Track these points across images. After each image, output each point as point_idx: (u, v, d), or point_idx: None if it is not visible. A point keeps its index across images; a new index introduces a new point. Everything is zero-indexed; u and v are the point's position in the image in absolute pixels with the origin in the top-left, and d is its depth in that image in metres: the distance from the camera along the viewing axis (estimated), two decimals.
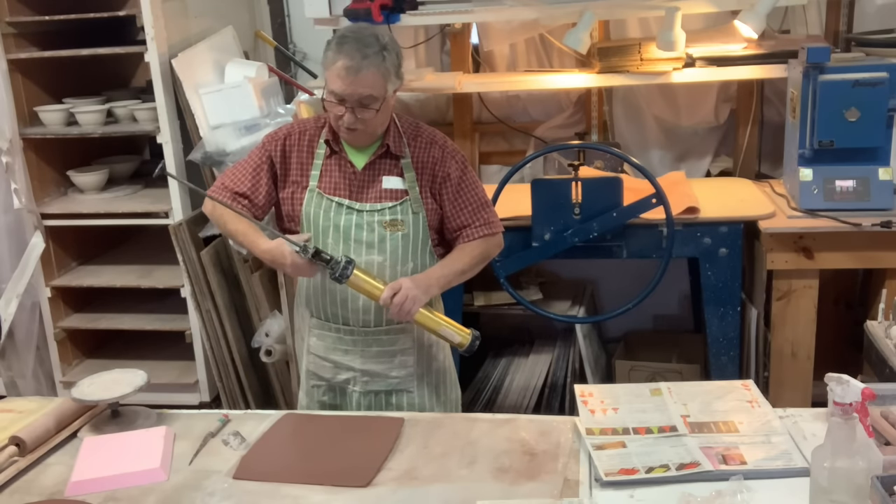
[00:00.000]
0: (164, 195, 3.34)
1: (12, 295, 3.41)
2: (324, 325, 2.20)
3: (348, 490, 1.68)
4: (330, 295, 2.15)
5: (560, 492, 1.63)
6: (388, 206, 2.12)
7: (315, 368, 2.25)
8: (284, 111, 3.32)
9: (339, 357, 2.20)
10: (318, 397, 2.26)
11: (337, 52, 2.00)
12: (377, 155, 2.14)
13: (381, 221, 2.11)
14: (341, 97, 2.02)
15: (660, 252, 2.93)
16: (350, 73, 1.98)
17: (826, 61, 2.75)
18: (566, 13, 3.23)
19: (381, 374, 2.19)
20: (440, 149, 2.16)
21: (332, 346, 2.20)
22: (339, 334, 2.19)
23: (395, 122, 2.17)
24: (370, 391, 2.21)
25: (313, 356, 2.24)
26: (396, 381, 2.20)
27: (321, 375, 2.24)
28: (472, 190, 2.18)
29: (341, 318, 2.17)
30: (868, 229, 2.73)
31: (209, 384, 3.47)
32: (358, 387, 2.21)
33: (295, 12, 3.90)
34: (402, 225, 2.12)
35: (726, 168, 3.61)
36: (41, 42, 3.41)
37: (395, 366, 2.19)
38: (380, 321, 2.15)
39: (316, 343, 2.23)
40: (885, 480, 1.36)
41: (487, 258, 2.21)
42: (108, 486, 1.74)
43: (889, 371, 2.05)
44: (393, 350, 2.19)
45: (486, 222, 2.17)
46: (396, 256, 2.12)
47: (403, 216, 2.12)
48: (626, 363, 3.43)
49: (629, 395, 1.94)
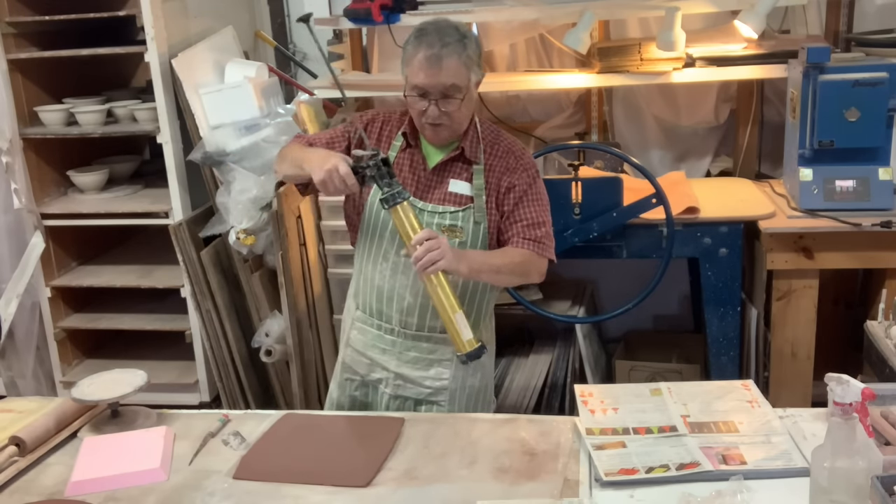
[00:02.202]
0: (164, 195, 3.34)
1: (12, 295, 3.41)
2: (367, 319, 2.17)
3: (348, 490, 1.68)
4: (378, 290, 2.12)
5: (560, 492, 1.63)
6: (449, 210, 2.07)
7: (351, 362, 2.22)
8: (284, 111, 3.32)
9: (376, 355, 2.17)
10: (350, 391, 2.23)
11: (417, 44, 1.97)
12: (451, 157, 2.09)
13: (441, 225, 2.05)
14: (424, 90, 1.97)
15: (660, 252, 2.93)
16: (432, 62, 1.94)
17: (826, 61, 2.75)
18: (566, 13, 3.23)
19: (414, 380, 2.15)
20: (516, 159, 2.10)
21: (371, 343, 2.17)
22: (379, 332, 2.15)
23: (475, 126, 2.11)
24: (400, 396, 2.17)
25: (351, 349, 2.22)
26: (428, 392, 2.15)
27: (356, 370, 2.22)
28: (533, 206, 2.09)
29: (385, 315, 2.13)
30: (868, 229, 2.73)
31: (209, 384, 3.47)
32: (389, 389, 2.17)
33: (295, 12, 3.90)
34: (460, 232, 2.06)
35: (726, 168, 3.61)
36: (41, 42, 3.41)
37: (429, 375, 2.14)
38: (422, 326, 2.11)
39: (356, 336, 2.20)
40: (885, 480, 1.36)
41: (525, 275, 2.08)
42: (108, 486, 1.74)
43: (889, 371, 2.05)
44: (431, 359, 2.14)
45: (536, 239, 2.07)
46: None
47: (464, 223, 2.07)
48: (626, 363, 3.43)
49: (629, 395, 1.94)
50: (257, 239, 3.16)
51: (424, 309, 2.09)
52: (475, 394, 2.21)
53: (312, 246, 3.23)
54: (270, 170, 3.15)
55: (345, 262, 3.25)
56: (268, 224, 3.13)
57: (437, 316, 2.04)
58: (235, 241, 3.15)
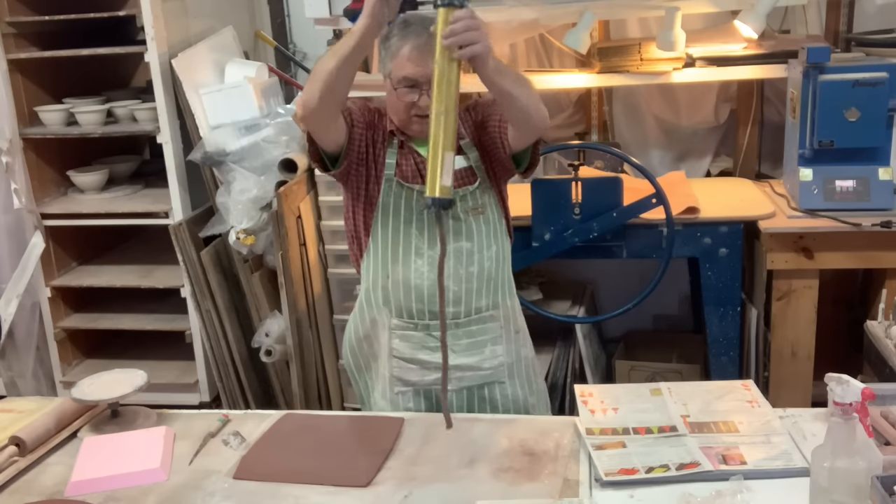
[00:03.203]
0: (164, 195, 3.34)
1: (12, 295, 3.42)
2: (407, 324, 2.09)
3: (348, 490, 1.68)
4: (416, 290, 2.06)
5: (560, 492, 1.62)
6: (468, 190, 2.06)
7: (400, 373, 2.11)
8: (284, 111, 3.32)
9: (427, 356, 2.08)
10: (404, 405, 2.12)
11: (402, 37, 1.97)
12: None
13: (464, 208, 2.05)
14: (414, 80, 1.96)
15: (660, 252, 2.93)
16: (421, 52, 1.94)
17: (826, 61, 2.75)
18: (566, 13, 3.23)
19: (472, 367, 2.10)
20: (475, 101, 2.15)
21: (418, 346, 2.09)
22: (425, 332, 2.08)
23: None
24: (463, 387, 2.11)
25: (397, 360, 2.10)
26: (488, 373, 2.12)
27: (407, 380, 2.11)
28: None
29: (427, 313, 2.06)
30: (868, 229, 2.73)
31: (209, 384, 3.47)
32: (450, 385, 2.07)
33: (295, 12, 3.90)
34: (482, 208, 2.08)
35: (726, 168, 3.61)
36: (41, 42, 3.41)
37: (485, 357, 2.11)
38: (469, 311, 2.08)
39: (399, 345, 2.10)
40: (885, 480, 1.36)
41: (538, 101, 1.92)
42: (108, 486, 1.74)
43: (889, 371, 2.05)
44: (482, 340, 2.11)
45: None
46: (482, 241, 2.07)
47: (482, 198, 2.08)
48: (626, 363, 3.43)
49: (629, 395, 1.94)
50: (257, 239, 3.17)
51: (469, 293, 2.06)
52: (530, 363, 2.22)
53: (312, 246, 3.23)
54: (271, 170, 3.16)
55: (345, 262, 3.25)
56: (268, 224, 3.13)
57: (482, 295, 2.07)
58: (235, 241, 3.15)
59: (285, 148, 3.20)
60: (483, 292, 2.09)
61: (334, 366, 3.35)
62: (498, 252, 2.11)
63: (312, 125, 1.95)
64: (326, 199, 3.22)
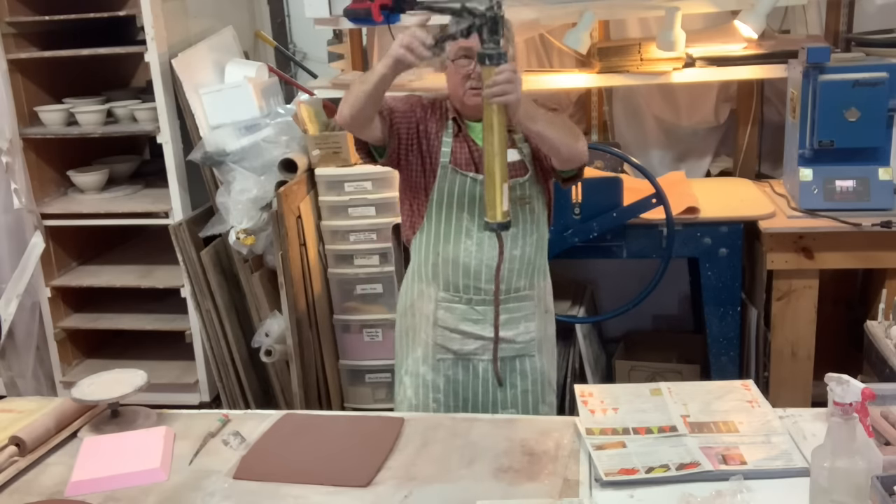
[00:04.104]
0: (164, 195, 3.34)
1: (12, 295, 3.42)
2: (453, 297, 2.27)
3: (348, 490, 1.68)
4: (464, 267, 2.23)
5: (560, 492, 1.62)
6: (518, 181, 2.20)
7: (443, 341, 2.31)
8: (284, 111, 3.32)
9: (469, 327, 2.27)
10: (444, 371, 2.32)
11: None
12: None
13: (513, 197, 2.17)
14: (468, 50, 2.09)
15: (660, 252, 2.93)
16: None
17: (826, 61, 2.75)
18: (566, 13, 3.23)
19: (509, 339, 2.28)
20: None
21: (461, 318, 2.28)
22: (469, 305, 2.26)
23: None
24: (498, 358, 2.29)
25: (441, 329, 2.30)
26: (521, 346, 2.30)
27: (449, 347, 2.30)
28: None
29: (473, 288, 2.25)
30: (868, 229, 2.73)
31: (209, 384, 3.47)
32: (487, 355, 2.28)
33: (295, 12, 3.91)
34: (529, 198, 2.24)
35: (726, 168, 3.61)
36: (41, 42, 3.41)
37: (520, 331, 2.29)
38: (509, 289, 2.25)
39: (444, 315, 2.29)
40: (885, 480, 1.36)
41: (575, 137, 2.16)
42: (108, 486, 1.74)
43: (889, 371, 2.05)
44: (519, 317, 2.28)
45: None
46: (526, 228, 2.24)
47: (531, 191, 2.24)
48: (626, 363, 3.43)
49: (629, 395, 1.94)
50: (257, 239, 3.17)
51: (511, 273, 2.24)
52: (552, 340, 2.41)
53: (312, 246, 3.23)
54: (271, 170, 3.16)
55: (345, 262, 3.26)
56: (268, 224, 3.13)
57: (521, 276, 2.26)
58: (235, 241, 3.15)
59: (285, 148, 3.20)
60: (523, 273, 2.27)
61: (334, 366, 3.35)
62: (538, 239, 2.29)
63: (353, 130, 2.19)
64: (326, 199, 3.22)
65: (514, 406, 2.31)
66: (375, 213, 3.19)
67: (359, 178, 3.17)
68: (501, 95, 1.89)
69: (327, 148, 3.18)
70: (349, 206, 3.20)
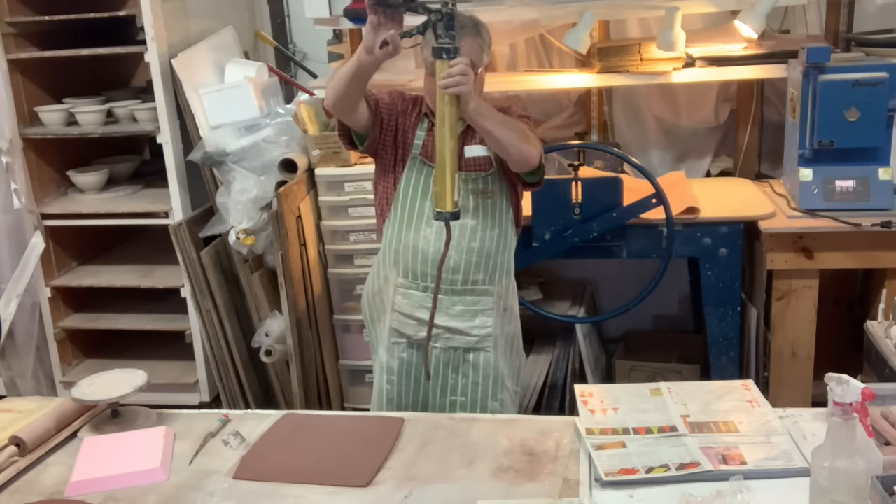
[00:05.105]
0: (164, 195, 3.34)
1: (12, 295, 3.42)
2: (411, 284, 2.34)
3: (348, 490, 1.68)
4: (423, 254, 2.30)
5: (560, 492, 1.63)
6: (481, 175, 2.31)
7: (398, 326, 2.37)
8: (284, 111, 3.32)
9: (423, 314, 2.30)
10: (398, 354, 2.39)
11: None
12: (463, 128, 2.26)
13: (475, 190, 2.30)
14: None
15: (660, 252, 2.94)
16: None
17: (826, 61, 2.75)
18: (566, 13, 3.23)
19: (462, 331, 2.34)
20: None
21: (417, 304, 2.34)
22: (425, 293, 2.31)
23: None
24: (450, 347, 2.36)
25: (397, 314, 2.37)
26: (475, 340, 2.35)
27: (403, 332, 2.37)
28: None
29: (429, 276, 2.30)
30: (868, 229, 2.73)
31: (209, 384, 3.47)
32: (440, 343, 2.34)
33: (295, 12, 3.91)
34: (490, 193, 2.32)
35: (726, 168, 3.61)
36: (41, 42, 3.41)
37: (475, 325, 2.35)
38: (466, 281, 2.32)
39: (401, 301, 2.36)
40: (885, 480, 1.36)
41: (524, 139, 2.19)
42: (108, 486, 1.74)
43: (889, 371, 2.05)
44: (475, 310, 2.34)
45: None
46: (486, 222, 2.31)
47: (492, 185, 2.32)
48: (626, 363, 3.43)
49: (629, 395, 1.94)
50: (257, 239, 3.17)
51: (469, 265, 2.31)
52: (511, 340, 2.46)
53: (312, 246, 3.23)
54: (271, 170, 3.16)
55: (345, 262, 3.25)
56: (268, 224, 3.13)
57: (479, 269, 2.32)
58: (235, 241, 3.15)
59: (285, 148, 3.20)
60: (481, 267, 2.33)
61: (334, 366, 3.35)
62: (500, 235, 2.34)
63: (337, 115, 2.29)
64: (326, 199, 3.22)
65: (465, 394, 2.37)
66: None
67: (359, 178, 3.17)
68: (454, 87, 1.98)
69: (327, 148, 3.18)
70: (349, 206, 3.20)
